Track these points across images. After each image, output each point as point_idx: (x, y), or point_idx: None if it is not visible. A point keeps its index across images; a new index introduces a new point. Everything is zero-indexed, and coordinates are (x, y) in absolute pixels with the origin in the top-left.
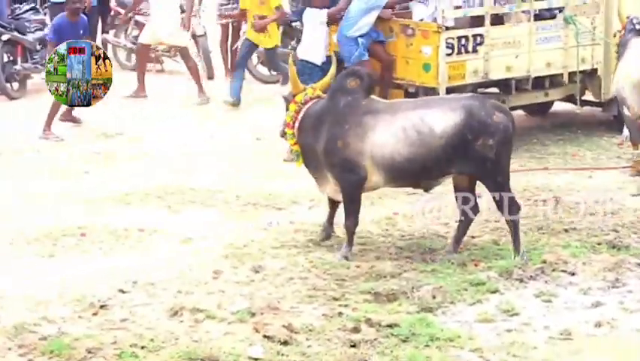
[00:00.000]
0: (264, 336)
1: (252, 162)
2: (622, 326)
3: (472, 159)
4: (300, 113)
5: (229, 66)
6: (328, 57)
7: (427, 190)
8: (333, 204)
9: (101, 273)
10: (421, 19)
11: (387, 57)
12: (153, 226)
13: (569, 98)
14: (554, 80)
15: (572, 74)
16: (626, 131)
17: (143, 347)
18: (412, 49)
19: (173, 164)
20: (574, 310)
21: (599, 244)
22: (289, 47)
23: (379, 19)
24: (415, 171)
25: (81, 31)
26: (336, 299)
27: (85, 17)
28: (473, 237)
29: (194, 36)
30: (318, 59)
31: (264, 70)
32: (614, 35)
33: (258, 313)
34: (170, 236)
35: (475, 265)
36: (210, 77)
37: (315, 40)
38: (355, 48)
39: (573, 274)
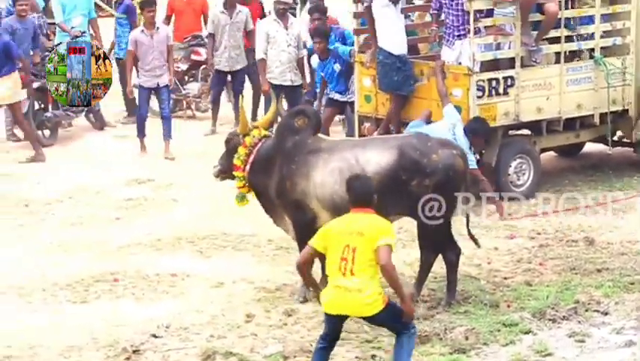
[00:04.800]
0: None
1: None
2: None
3: (408, 200)
4: (251, 156)
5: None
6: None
7: None
8: None
9: (133, 318)
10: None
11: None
12: (185, 271)
13: (600, 139)
14: (585, 122)
15: (603, 115)
16: None
17: None
18: None
19: (204, 209)
20: (607, 350)
21: (631, 283)
22: None
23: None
24: None
25: None
26: (368, 342)
27: None
28: (506, 278)
29: None
30: (398, 49)
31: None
32: None
33: (291, 357)
34: (202, 280)
35: (508, 306)
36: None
37: (389, 29)
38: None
39: (606, 314)
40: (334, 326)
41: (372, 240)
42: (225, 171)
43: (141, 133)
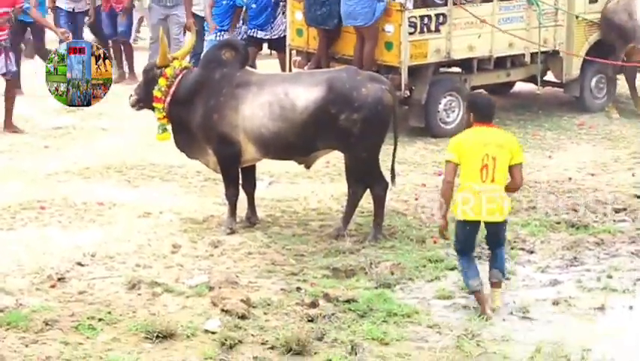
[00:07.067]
0: (222, 310)
1: None
2: (579, 304)
3: (336, 133)
4: (172, 87)
5: None
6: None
7: (307, 167)
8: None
9: (59, 246)
10: None
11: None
12: (112, 200)
13: (531, 79)
14: (516, 61)
15: (534, 55)
16: None
17: (100, 320)
18: None
19: (133, 139)
20: (532, 288)
21: (557, 223)
22: None
23: None
24: (284, 146)
25: None
26: (294, 274)
27: None
28: (432, 214)
29: None
30: None
31: None
32: (577, 17)
33: (216, 288)
34: (129, 210)
35: (434, 242)
36: None
37: None
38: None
39: (532, 253)
40: (469, 235)
41: (510, 152)
42: (142, 101)
43: None
